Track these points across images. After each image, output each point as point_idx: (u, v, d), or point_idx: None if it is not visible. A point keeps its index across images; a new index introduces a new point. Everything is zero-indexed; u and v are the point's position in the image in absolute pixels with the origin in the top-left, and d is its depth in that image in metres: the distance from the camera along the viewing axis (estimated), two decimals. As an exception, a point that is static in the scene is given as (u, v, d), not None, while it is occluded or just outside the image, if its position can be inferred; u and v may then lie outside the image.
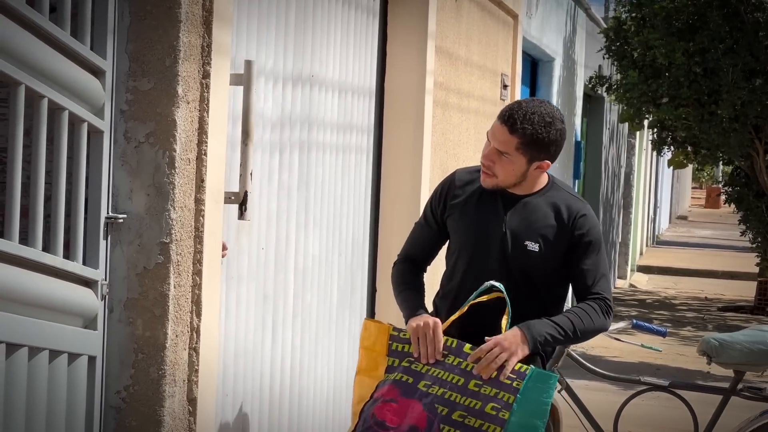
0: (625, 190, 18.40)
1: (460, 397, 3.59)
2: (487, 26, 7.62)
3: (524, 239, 3.81)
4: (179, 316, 3.43)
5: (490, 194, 3.88)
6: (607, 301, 3.85)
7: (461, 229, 3.92)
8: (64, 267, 3.12)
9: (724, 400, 5.79)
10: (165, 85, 3.33)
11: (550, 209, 3.85)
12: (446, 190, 3.99)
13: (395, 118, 6.04)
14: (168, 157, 3.33)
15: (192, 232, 3.46)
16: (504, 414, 3.54)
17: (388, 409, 3.62)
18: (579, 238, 3.82)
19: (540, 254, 3.81)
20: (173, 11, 3.31)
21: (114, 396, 3.38)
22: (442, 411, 3.56)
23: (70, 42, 3.08)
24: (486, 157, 3.79)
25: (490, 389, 3.58)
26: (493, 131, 3.78)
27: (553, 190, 3.91)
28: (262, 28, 4.46)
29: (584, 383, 6.73)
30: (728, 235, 28.08)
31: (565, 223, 3.82)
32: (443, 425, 3.55)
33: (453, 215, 3.94)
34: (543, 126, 3.72)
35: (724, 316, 14.67)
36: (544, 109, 3.76)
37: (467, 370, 3.63)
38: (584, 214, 3.86)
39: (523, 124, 3.70)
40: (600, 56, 12.58)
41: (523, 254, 3.81)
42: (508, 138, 3.72)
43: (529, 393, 3.56)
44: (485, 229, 3.86)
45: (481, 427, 3.53)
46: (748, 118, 10.27)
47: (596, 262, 3.85)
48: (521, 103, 3.78)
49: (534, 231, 3.82)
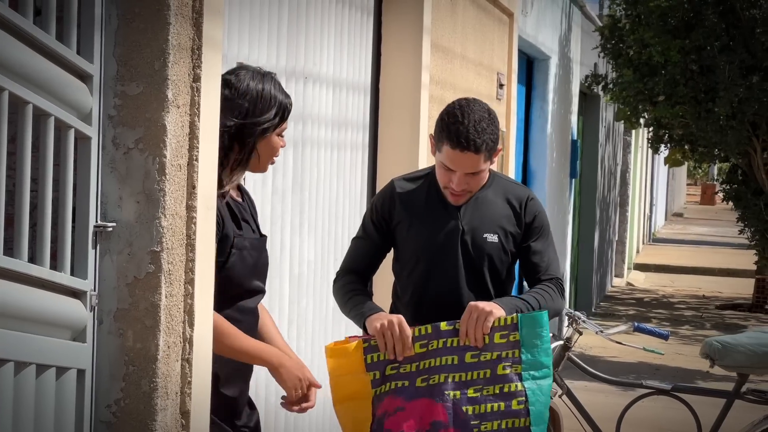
0: (622, 188, 18.36)
1: (464, 375, 3.57)
2: (482, 24, 7.54)
3: (483, 232, 3.85)
4: (171, 326, 3.34)
5: (436, 196, 3.88)
6: (560, 281, 3.91)
7: (415, 237, 3.89)
8: (51, 278, 3.02)
9: (728, 403, 5.73)
10: (154, 89, 3.23)
11: (501, 199, 3.89)
12: (388, 200, 3.95)
13: (391, 116, 5.98)
14: (158, 164, 3.24)
15: (183, 240, 3.37)
16: (517, 368, 3.56)
17: (400, 419, 3.56)
18: (531, 222, 3.89)
19: (499, 245, 3.85)
20: (162, 13, 3.22)
21: (104, 410, 3.28)
22: (455, 395, 3.54)
23: (55, 46, 2.98)
24: (458, 184, 3.76)
25: (489, 354, 3.57)
26: (453, 160, 3.71)
27: (496, 180, 3.95)
28: (255, 27, 4.38)
29: (583, 384, 6.67)
30: (724, 231, 28.08)
31: (517, 210, 3.88)
32: (466, 407, 3.53)
33: (401, 225, 3.91)
34: (491, 124, 3.72)
35: (723, 314, 14.62)
36: (479, 109, 3.73)
37: (455, 347, 3.59)
38: (532, 198, 3.95)
39: (483, 139, 3.67)
40: (595, 54, 12.51)
41: (484, 247, 3.84)
42: (475, 159, 3.70)
43: (529, 339, 3.58)
44: (443, 232, 3.85)
45: (503, 390, 3.55)
46: (745, 115, 10.21)
47: (546, 244, 3.92)
48: (462, 120, 3.69)
49: (491, 223, 3.86)
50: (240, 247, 3.35)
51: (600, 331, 5.68)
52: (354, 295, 3.88)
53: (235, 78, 3.40)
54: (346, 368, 3.65)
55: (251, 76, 3.41)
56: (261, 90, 3.38)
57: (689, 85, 10.43)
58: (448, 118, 3.72)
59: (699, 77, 10.42)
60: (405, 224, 3.89)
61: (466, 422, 3.51)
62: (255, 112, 3.37)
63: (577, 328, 5.65)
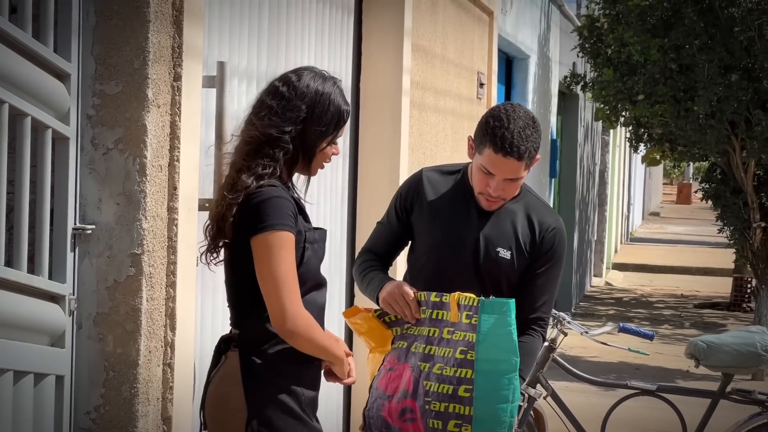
0: (600, 188, 18.38)
1: (436, 349, 3.54)
2: (462, 23, 7.50)
3: (497, 246, 3.74)
4: (152, 330, 3.28)
5: (462, 198, 3.81)
6: (544, 328, 3.83)
7: (431, 231, 3.83)
8: (29, 282, 2.96)
9: (713, 403, 5.70)
10: (134, 88, 3.17)
11: (524, 217, 3.79)
12: (414, 189, 3.89)
13: (372, 119, 5.93)
14: (138, 164, 3.18)
15: (165, 242, 3.31)
16: (471, 355, 3.47)
17: (388, 378, 3.58)
18: (543, 252, 3.77)
19: (511, 262, 3.74)
20: (141, 11, 3.16)
21: (84, 417, 3.22)
22: (424, 367, 3.52)
23: (32, 44, 2.92)
24: (495, 189, 3.66)
25: (458, 333, 3.52)
26: (495, 165, 3.63)
27: (526, 197, 3.84)
28: (235, 28, 4.32)
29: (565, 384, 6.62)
30: (701, 230, 28.17)
31: (536, 234, 3.77)
32: (426, 381, 3.49)
33: (422, 216, 3.84)
34: (535, 132, 3.64)
35: (701, 313, 14.63)
36: (525, 116, 3.66)
37: (438, 319, 3.56)
38: (555, 228, 3.80)
39: (527, 146, 3.60)
40: (574, 54, 12.50)
41: (495, 261, 3.74)
42: (517, 165, 3.62)
43: (488, 326, 3.47)
44: (458, 233, 3.78)
45: (456, 374, 3.47)
46: (724, 114, 10.19)
47: (550, 281, 3.81)
48: (508, 126, 3.61)
49: (506, 238, 3.76)
50: (312, 240, 3.24)
51: (585, 332, 5.64)
52: (369, 271, 3.86)
53: (296, 76, 3.25)
54: (367, 327, 3.73)
55: (312, 76, 3.28)
56: (321, 92, 3.24)
57: (668, 84, 10.41)
58: (492, 121, 3.63)
59: (678, 76, 10.40)
60: (425, 216, 3.83)
61: (421, 396, 3.48)
62: (313, 116, 3.23)
63: (562, 329, 5.61)
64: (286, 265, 3.07)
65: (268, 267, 3.06)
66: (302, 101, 3.19)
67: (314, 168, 3.30)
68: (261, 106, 3.19)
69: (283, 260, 3.06)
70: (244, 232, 3.08)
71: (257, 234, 3.06)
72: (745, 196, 10.90)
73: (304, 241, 3.18)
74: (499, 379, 3.47)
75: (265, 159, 3.14)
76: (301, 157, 3.24)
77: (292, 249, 3.09)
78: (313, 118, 3.20)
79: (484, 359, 3.45)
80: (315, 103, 3.20)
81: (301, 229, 3.17)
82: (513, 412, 3.49)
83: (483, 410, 3.44)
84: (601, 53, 11.29)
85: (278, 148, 3.16)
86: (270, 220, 3.07)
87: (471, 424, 3.42)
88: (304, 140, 3.21)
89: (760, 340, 5.59)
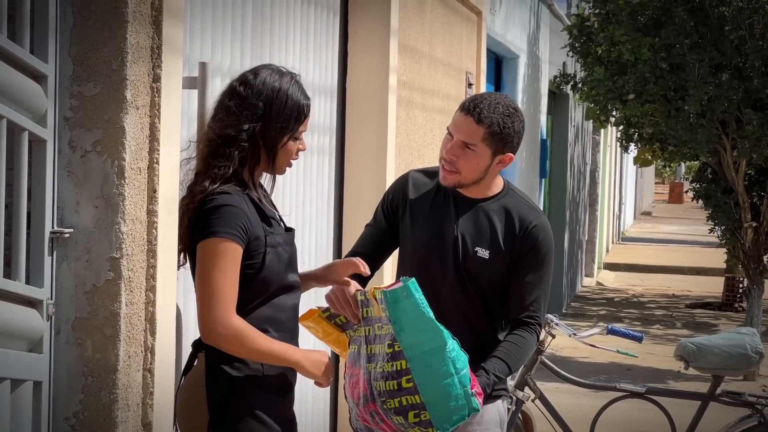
0: (591, 188, 18.35)
1: (374, 347, 3.45)
2: (450, 23, 7.45)
3: (475, 245, 3.71)
4: (132, 335, 3.23)
5: (443, 197, 3.78)
6: (537, 325, 3.76)
7: (413, 232, 3.81)
8: (5, 287, 2.91)
9: (703, 405, 5.68)
10: (112, 89, 3.12)
11: (503, 216, 3.74)
12: (400, 190, 3.87)
13: (358, 119, 5.88)
14: (117, 167, 3.13)
15: (144, 245, 3.26)
16: (397, 346, 3.37)
17: (351, 386, 3.52)
18: (527, 249, 3.71)
19: (489, 261, 3.70)
20: (119, 10, 3.11)
21: (62, 423, 3.17)
22: (371, 368, 3.42)
23: (7, 45, 2.86)
24: (449, 151, 3.66)
25: (385, 327, 3.42)
26: (456, 124, 3.66)
27: (507, 196, 3.80)
28: (217, 27, 4.27)
29: (554, 386, 6.59)
30: (692, 230, 28.17)
31: (516, 232, 3.71)
32: (375, 382, 3.40)
33: (405, 218, 3.83)
34: (508, 116, 3.64)
35: (693, 313, 14.62)
36: (507, 100, 3.69)
37: (368, 317, 3.45)
38: (536, 225, 3.73)
39: (490, 114, 3.60)
40: (564, 53, 12.47)
41: (473, 260, 3.70)
42: (474, 129, 3.61)
43: (397, 314, 3.36)
44: (438, 233, 3.75)
45: (393, 368, 3.37)
46: (714, 113, 10.17)
47: (539, 278, 3.74)
48: (483, 95, 3.68)
49: (484, 237, 3.71)
50: (274, 244, 3.23)
51: (573, 333, 5.61)
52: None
53: (253, 75, 3.26)
54: (321, 330, 3.68)
55: (269, 74, 3.27)
56: (278, 89, 3.24)
57: (659, 83, 10.39)
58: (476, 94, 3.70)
59: (669, 75, 10.38)
60: (408, 218, 3.81)
61: (377, 398, 3.40)
62: (272, 112, 3.22)
63: (550, 331, 5.58)
64: (220, 273, 3.08)
65: (202, 273, 3.11)
66: (259, 98, 3.20)
67: (280, 166, 3.31)
68: (219, 107, 3.24)
69: (218, 268, 3.08)
70: (194, 237, 3.14)
71: (202, 239, 3.11)
72: (736, 196, 10.88)
73: (264, 245, 3.18)
74: (432, 358, 3.36)
75: (221, 159, 3.17)
76: (264, 155, 3.24)
77: (233, 258, 3.11)
78: (271, 114, 3.22)
79: (409, 346, 3.36)
80: (272, 99, 3.22)
81: (259, 234, 3.17)
82: (463, 380, 3.39)
83: (430, 393, 3.36)
84: (591, 52, 11.26)
85: (234, 147, 3.18)
86: (215, 228, 3.10)
87: (426, 410, 3.36)
88: (264, 137, 3.22)
89: (749, 342, 5.57)
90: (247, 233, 3.14)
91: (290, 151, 3.30)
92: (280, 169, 3.33)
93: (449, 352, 3.39)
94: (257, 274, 3.20)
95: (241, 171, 3.24)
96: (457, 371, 3.39)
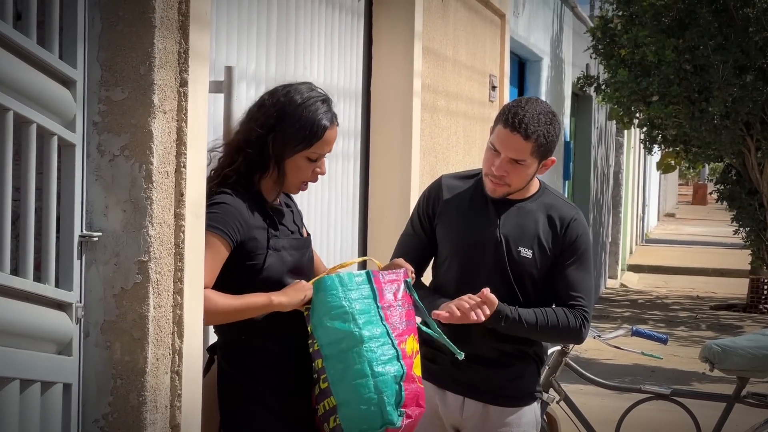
0: (614, 190, 18.30)
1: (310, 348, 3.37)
2: (474, 26, 7.46)
3: (518, 245, 3.73)
4: (160, 338, 3.25)
5: (480, 200, 3.79)
6: (585, 313, 3.75)
7: (452, 237, 3.81)
8: (35, 290, 2.93)
9: (728, 407, 5.66)
10: (140, 94, 3.14)
11: (543, 214, 3.78)
12: (434, 196, 3.90)
13: (382, 122, 5.90)
14: (145, 171, 3.15)
15: (172, 249, 3.28)
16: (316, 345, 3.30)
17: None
18: (569, 244, 3.76)
19: (533, 260, 3.73)
20: (147, 16, 3.13)
21: (92, 425, 3.19)
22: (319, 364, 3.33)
23: (37, 51, 2.89)
24: (499, 168, 3.67)
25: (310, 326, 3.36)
26: (502, 141, 3.65)
27: (544, 194, 3.85)
28: (243, 32, 4.30)
29: (579, 387, 6.59)
30: (717, 231, 28.04)
31: (558, 228, 3.75)
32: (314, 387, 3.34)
33: (442, 222, 3.84)
34: (549, 124, 3.66)
35: (717, 315, 14.56)
36: (544, 107, 3.70)
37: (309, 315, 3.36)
38: (575, 219, 3.80)
39: (536, 128, 3.61)
40: (587, 55, 12.45)
41: (517, 260, 3.73)
42: (522, 145, 3.63)
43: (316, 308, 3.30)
44: (479, 236, 3.76)
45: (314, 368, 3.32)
46: (739, 115, 10.15)
47: (582, 272, 3.77)
48: (523, 107, 3.66)
49: (527, 237, 3.74)
50: (276, 247, 3.27)
51: (597, 335, 5.61)
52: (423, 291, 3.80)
53: (283, 87, 3.31)
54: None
55: (298, 88, 3.29)
56: (297, 103, 3.26)
57: (683, 85, 10.38)
58: (511, 103, 3.70)
59: (693, 77, 10.37)
60: (445, 222, 3.82)
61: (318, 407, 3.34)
62: (282, 124, 3.25)
63: (575, 333, 5.57)
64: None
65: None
66: (274, 108, 3.26)
67: (289, 183, 3.33)
68: (246, 113, 3.35)
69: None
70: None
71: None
72: (761, 197, 10.86)
73: (266, 248, 3.23)
74: (346, 356, 3.25)
75: (229, 162, 3.31)
76: (272, 167, 3.30)
77: (215, 252, 3.26)
78: (282, 125, 3.25)
79: (326, 344, 3.28)
80: (287, 111, 3.26)
81: (256, 236, 3.25)
82: (380, 386, 3.24)
83: (342, 393, 3.25)
84: (614, 54, 11.25)
85: (241, 151, 3.27)
86: (207, 221, 3.25)
87: (337, 413, 3.26)
88: (274, 147, 3.28)
89: (775, 344, 5.55)
90: (237, 232, 3.24)
91: (302, 171, 3.31)
92: (289, 187, 3.35)
93: (365, 352, 3.26)
94: (258, 275, 3.28)
95: (253, 176, 3.30)
96: (375, 374, 3.25)
